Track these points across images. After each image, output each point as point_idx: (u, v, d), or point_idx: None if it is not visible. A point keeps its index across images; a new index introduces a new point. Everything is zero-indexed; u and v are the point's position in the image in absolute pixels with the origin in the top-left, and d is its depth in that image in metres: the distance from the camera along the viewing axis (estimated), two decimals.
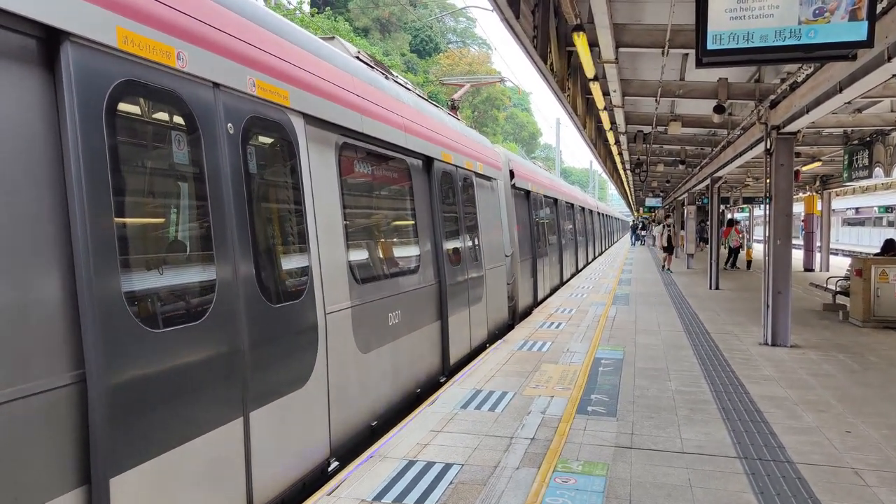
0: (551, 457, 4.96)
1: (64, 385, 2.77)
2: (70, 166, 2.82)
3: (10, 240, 2.60)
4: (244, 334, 3.92)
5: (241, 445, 3.87)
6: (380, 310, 6.08)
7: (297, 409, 4.54)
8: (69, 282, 2.83)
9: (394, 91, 6.95)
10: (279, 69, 4.50)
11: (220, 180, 3.80)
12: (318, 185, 5.07)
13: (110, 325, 2.93)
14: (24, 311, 2.62)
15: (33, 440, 2.63)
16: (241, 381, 3.89)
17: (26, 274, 2.66)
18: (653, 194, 38.31)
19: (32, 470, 2.63)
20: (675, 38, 7.54)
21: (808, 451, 5.10)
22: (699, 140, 16.10)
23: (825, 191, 23.76)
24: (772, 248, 9.40)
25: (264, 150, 4.59)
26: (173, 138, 3.64)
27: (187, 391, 3.43)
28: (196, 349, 3.51)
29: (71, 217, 2.83)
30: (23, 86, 2.70)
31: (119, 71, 3.12)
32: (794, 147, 9.77)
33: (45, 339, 2.70)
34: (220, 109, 3.85)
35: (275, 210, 4.71)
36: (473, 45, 77.29)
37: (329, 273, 5.10)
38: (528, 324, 11.54)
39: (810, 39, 4.36)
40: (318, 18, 42.65)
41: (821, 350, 9.01)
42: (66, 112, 2.82)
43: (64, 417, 2.77)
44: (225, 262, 3.80)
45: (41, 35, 2.78)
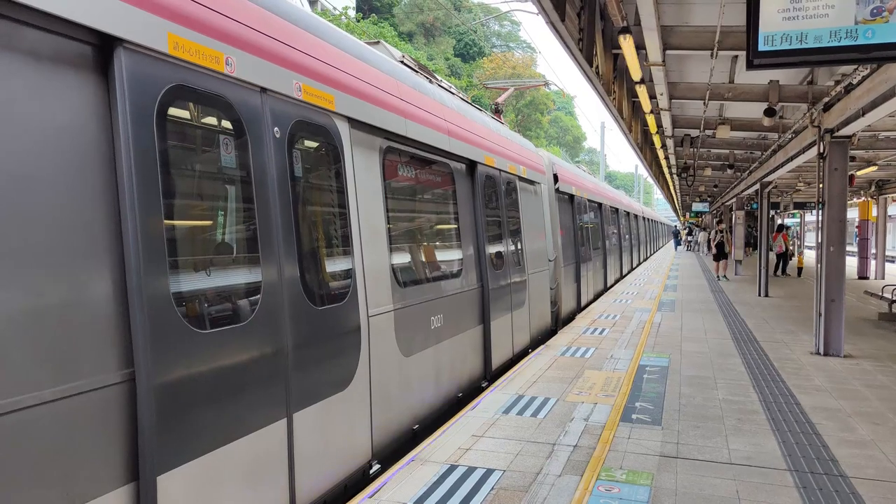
0: (594, 464, 4.89)
1: (114, 384, 2.83)
2: (122, 169, 2.89)
3: (65, 241, 2.66)
4: (288, 336, 3.96)
5: (284, 446, 3.91)
6: (422, 313, 6.07)
7: (340, 411, 4.56)
8: (120, 283, 2.89)
9: (437, 95, 6.96)
10: (324, 74, 4.54)
11: (266, 184, 3.86)
12: (362, 189, 5.10)
13: (159, 325, 2.99)
14: (76, 311, 2.68)
15: (84, 437, 2.69)
16: (285, 382, 3.93)
17: (79, 274, 2.72)
18: (699, 199, 37.64)
19: (83, 466, 2.69)
20: (724, 39, 7.40)
21: (862, 464, 4.93)
22: (748, 144, 15.74)
23: (881, 196, 22.99)
24: (824, 254, 9.13)
25: (310, 154, 4.65)
26: (221, 142, 3.71)
27: (233, 391, 3.48)
28: (241, 350, 3.56)
29: (122, 219, 2.90)
30: (78, 91, 2.77)
31: (170, 76, 3.19)
32: (849, 151, 9.47)
33: (96, 339, 2.76)
34: (266, 114, 3.90)
35: (320, 213, 4.75)
36: (518, 48, 77.10)
37: (372, 276, 5.12)
38: (570, 329, 11.43)
39: (867, 40, 4.21)
40: (363, 24, 43.13)
41: (876, 360, 8.71)
42: (119, 116, 2.89)
43: (113, 415, 2.83)
44: (271, 264, 3.85)
45: (96, 42, 2.85)
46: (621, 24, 6.32)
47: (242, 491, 3.54)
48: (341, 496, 4.58)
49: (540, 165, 11.48)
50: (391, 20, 55.86)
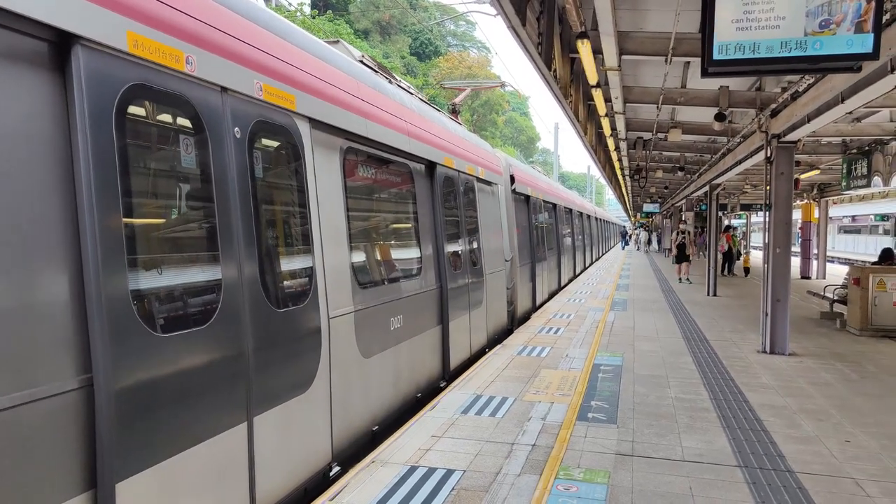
0: (553, 464, 4.96)
1: (71, 389, 2.76)
2: (80, 169, 2.82)
3: (19, 243, 2.59)
4: (249, 338, 3.91)
5: (244, 450, 3.87)
6: (382, 314, 6.06)
7: (300, 413, 4.53)
8: (77, 285, 2.81)
9: (397, 96, 6.95)
10: (286, 73, 4.51)
11: (226, 184, 3.82)
12: (323, 190, 5.07)
13: (117, 328, 2.93)
14: (32, 315, 2.61)
15: (41, 444, 2.63)
16: (246, 385, 3.88)
17: (34, 277, 2.64)
18: (651, 200, 38.42)
19: (40, 474, 2.63)
20: (678, 46, 7.57)
21: (808, 460, 5.11)
22: (699, 147, 16.14)
23: (822, 199, 23.83)
24: (771, 256, 9.42)
25: (270, 155, 4.59)
26: (181, 142, 3.64)
27: (193, 395, 3.43)
28: (201, 353, 3.51)
29: (80, 219, 2.83)
30: (34, 89, 2.71)
31: (129, 75, 3.13)
32: (794, 156, 9.80)
33: (53, 343, 2.70)
34: (227, 113, 3.86)
35: (280, 214, 4.71)
36: (473, 48, 77.36)
37: (332, 277, 5.09)
38: (526, 329, 11.54)
39: (816, 51, 4.38)
40: (318, 20, 42.71)
41: (819, 358, 9.04)
42: (77, 115, 2.83)
43: (71, 422, 2.76)
44: (231, 265, 3.81)
45: (53, 38, 2.78)
46: (579, 28, 6.42)
47: (202, 496, 3.50)
48: (301, 499, 4.54)
49: (497, 166, 11.56)
50: (347, 17, 55.43)
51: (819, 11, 4.36)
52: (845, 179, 14.27)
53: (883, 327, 10.90)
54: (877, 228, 50.92)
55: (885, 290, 10.91)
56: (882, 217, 48.05)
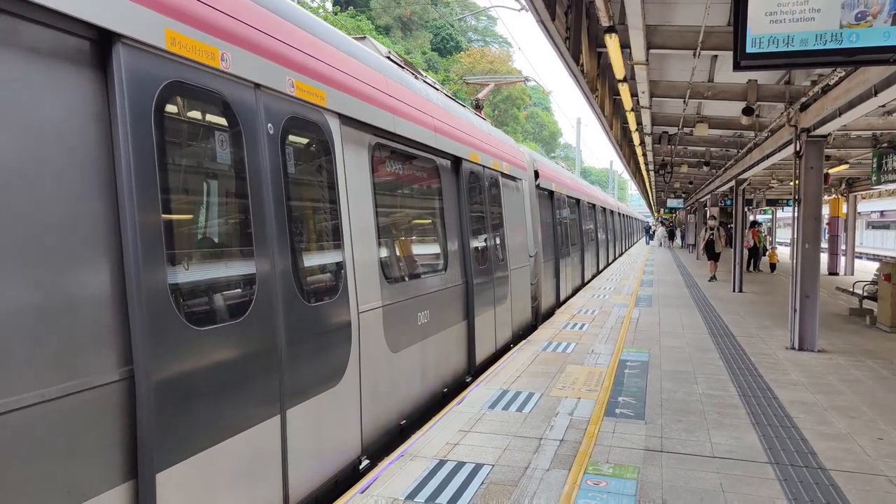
0: (581, 459, 4.96)
1: (113, 381, 2.82)
2: (121, 166, 2.87)
3: (63, 239, 2.64)
4: (282, 332, 3.96)
5: (278, 442, 3.93)
6: (409, 309, 6.09)
7: (331, 406, 4.58)
8: (119, 280, 2.87)
9: (424, 91, 6.97)
10: (316, 70, 4.54)
11: (260, 179, 3.86)
12: (353, 185, 5.10)
13: (157, 322, 2.98)
14: (76, 309, 2.67)
15: (84, 435, 2.69)
16: (279, 378, 3.94)
17: (79, 272, 2.70)
18: (674, 195, 38.07)
19: (83, 464, 2.68)
20: (707, 39, 7.50)
21: (840, 457, 5.06)
22: (725, 142, 15.98)
23: (851, 194, 23.46)
24: (799, 251, 9.31)
25: (302, 151, 4.65)
26: (217, 138, 3.71)
27: (229, 388, 3.49)
28: (237, 347, 3.57)
29: (121, 216, 2.87)
30: (77, 86, 2.76)
31: (167, 72, 3.18)
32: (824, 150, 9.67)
33: (96, 336, 2.75)
34: (260, 110, 3.90)
35: (311, 209, 4.77)
36: (494, 43, 77.20)
37: (362, 272, 5.13)
38: (551, 324, 11.53)
39: (852, 44, 4.31)
40: (340, 16, 42.87)
41: (849, 355, 8.92)
42: (118, 112, 2.87)
43: (113, 413, 2.82)
44: (265, 261, 3.86)
45: (94, 37, 2.83)
46: (608, 22, 6.38)
47: (238, 487, 3.56)
48: (332, 491, 4.60)
49: (521, 162, 11.54)
50: (368, 13, 55.56)
51: (855, 3, 4.29)
52: (875, 174, 14.03)
53: None
54: None
55: None
56: None
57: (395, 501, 4.22)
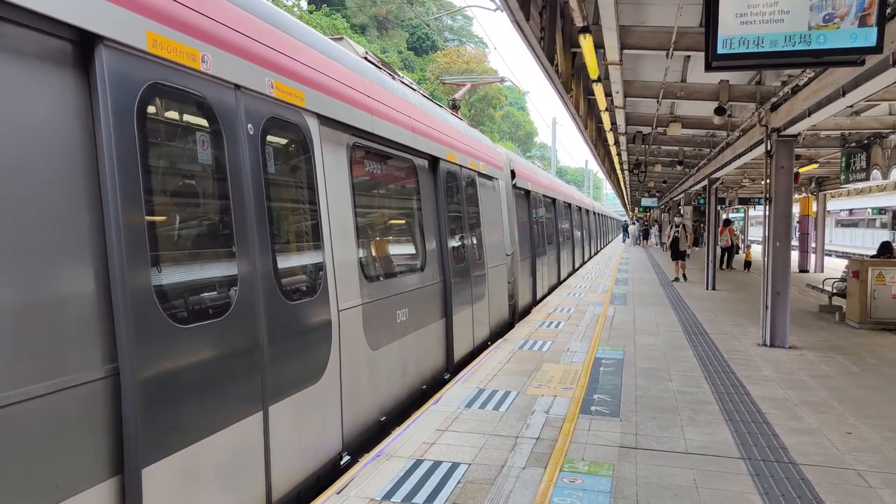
0: (557, 457, 4.99)
1: (99, 378, 2.86)
2: (104, 166, 2.90)
3: (48, 238, 2.66)
4: (264, 330, 4.01)
5: (260, 438, 3.97)
6: (388, 307, 6.13)
7: (313, 403, 4.63)
8: (103, 278, 2.90)
9: (401, 91, 6.99)
10: (295, 71, 4.57)
11: (241, 180, 3.90)
12: (332, 185, 5.13)
13: (142, 320, 3.02)
14: (61, 307, 2.70)
15: (71, 431, 2.72)
16: (261, 375, 3.98)
17: (63, 271, 2.73)
18: (649, 194, 38.46)
19: (70, 460, 2.72)
20: (680, 40, 7.59)
21: (810, 452, 5.15)
22: (697, 141, 16.18)
23: (821, 192, 23.87)
24: (771, 249, 9.45)
25: (282, 151, 4.67)
26: (198, 138, 3.73)
27: (212, 385, 3.54)
28: (220, 344, 3.61)
29: (105, 215, 2.91)
30: (60, 87, 2.78)
31: (149, 74, 3.20)
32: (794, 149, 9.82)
33: (81, 334, 2.79)
34: (241, 110, 3.94)
35: (292, 209, 4.81)
36: (470, 43, 77.31)
37: (341, 271, 5.16)
38: (527, 323, 11.58)
39: (820, 45, 4.39)
40: (316, 15, 42.62)
41: (819, 351, 9.08)
42: (101, 113, 2.90)
43: (99, 410, 2.87)
44: (246, 259, 3.92)
45: (77, 39, 2.85)
46: (582, 23, 6.42)
47: (222, 482, 3.60)
48: (313, 487, 4.61)
49: (498, 161, 11.64)
50: (344, 12, 55.31)
51: (823, 5, 4.37)
52: (844, 173, 14.31)
53: (882, 320, 10.95)
54: (874, 222, 51.02)
55: (884, 283, 10.95)
56: (879, 210, 48.15)
57: (371, 502, 4.20)
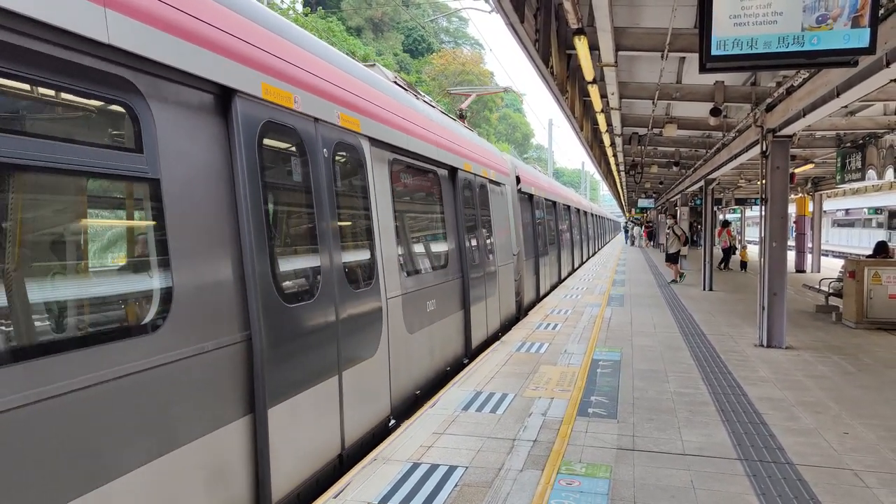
0: (554, 459, 4.99)
1: (239, 341, 3.90)
2: (239, 182, 3.94)
3: (207, 239, 3.68)
4: (338, 311, 5.04)
5: (336, 395, 5.02)
6: (421, 298, 7.15)
7: (371, 372, 5.70)
8: (239, 268, 3.93)
9: (425, 110, 8.00)
10: (354, 103, 5.61)
11: (321, 192, 4.95)
12: (379, 194, 6.17)
13: (265, 301, 4.05)
14: (216, 289, 3.73)
15: (223, 379, 3.76)
16: (337, 346, 5.02)
17: (221, 276, 3.78)
18: (645, 195, 38.50)
19: (221, 400, 3.72)
20: (675, 41, 7.59)
21: (807, 452, 5.15)
22: (694, 142, 16.19)
23: (817, 192, 23.91)
24: (767, 250, 9.47)
25: (346, 167, 5.67)
26: (292, 161, 4.78)
27: (307, 351, 4.57)
28: (311, 320, 4.65)
29: (240, 222, 3.95)
30: (213, 125, 3.85)
31: (264, 113, 4.22)
32: (790, 150, 9.85)
33: (229, 310, 3.84)
34: (319, 138, 4.97)
35: (354, 215, 5.80)
36: (466, 44, 77.32)
37: (388, 266, 6.21)
38: (525, 325, 11.58)
39: (813, 46, 4.40)
40: (311, 18, 42.60)
41: (815, 351, 9.09)
42: (237, 144, 3.93)
43: (240, 363, 3.90)
44: (326, 256, 4.95)
45: (220, 92, 3.89)
46: (576, 25, 6.43)
47: (314, 423, 4.69)
48: (370, 444, 5.63)
49: (505, 168, 12.55)
50: (339, 14, 55.31)
51: (816, 6, 4.38)
52: (840, 173, 14.33)
53: (878, 320, 10.98)
54: (870, 222, 51.16)
55: (881, 283, 10.98)
56: (875, 210, 48.28)
57: None
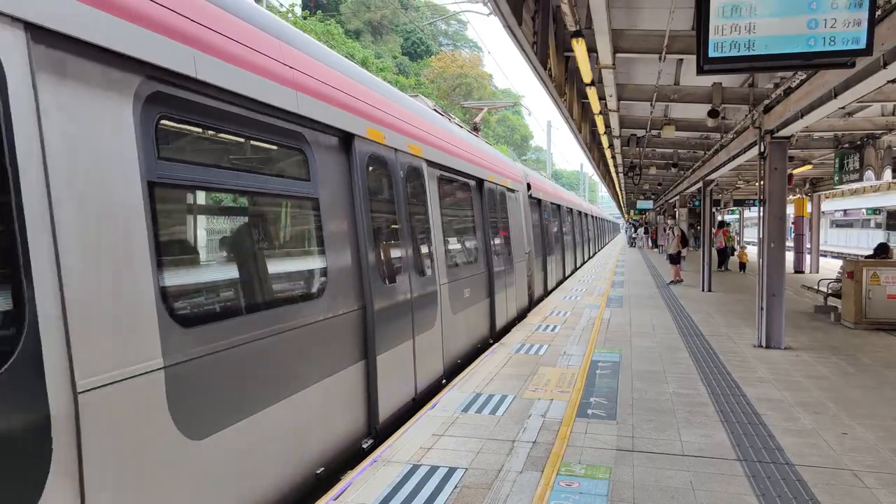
0: (554, 460, 5.00)
1: (359, 309, 5.56)
2: (357, 202, 5.57)
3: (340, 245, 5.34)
4: (411, 292, 6.68)
5: (411, 355, 6.65)
6: (460, 286, 8.66)
7: (431, 340, 7.28)
8: (360, 262, 5.58)
9: (458, 132, 9.75)
10: (417, 134, 7.21)
11: (401, 205, 6.61)
12: (433, 203, 7.73)
13: (374, 282, 5.71)
14: (350, 275, 5.44)
15: (353, 333, 5.45)
16: (411, 317, 6.63)
17: (349, 263, 5.44)
18: (644, 197, 38.52)
19: (349, 348, 5.37)
20: (672, 43, 7.62)
21: (806, 452, 5.16)
22: (692, 143, 16.21)
23: (815, 193, 23.94)
24: (765, 250, 9.48)
25: (413, 185, 7.10)
26: (384, 183, 6.34)
27: (395, 318, 6.21)
28: (397, 296, 6.30)
29: (358, 226, 5.58)
30: (343, 163, 5.49)
31: (368, 149, 5.83)
32: (788, 151, 9.86)
33: (354, 288, 5.50)
34: (397, 164, 6.56)
35: (420, 220, 7.28)
36: (465, 47, 77.37)
37: (440, 259, 7.75)
38: (524, 327, 11.59)
39: (810, 48, 4.42)
40: (310, 21, 42.62)
41: (814, 352, 9.11)
42: (356, 173, 5.58)
43: (360, 325, 5.57)
44: (405, 251, 6.67)
45: (345, 136, 5.49)
46: (574, 27, 6.45)
47: (403, 370, 6.44)
48: (434, 392, 7.23)
49: (518, 177, 14.22)
50: (338, 18, 55.36)
51: (813, 8, 4.40)
52: (838, 174, 14.35)
53: (877, 320, 10.99)
54: (868, 222, 51.16)
55: (879, 283, 10.99)
56: (873, 211, 48.29)
57: None
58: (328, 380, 4.93)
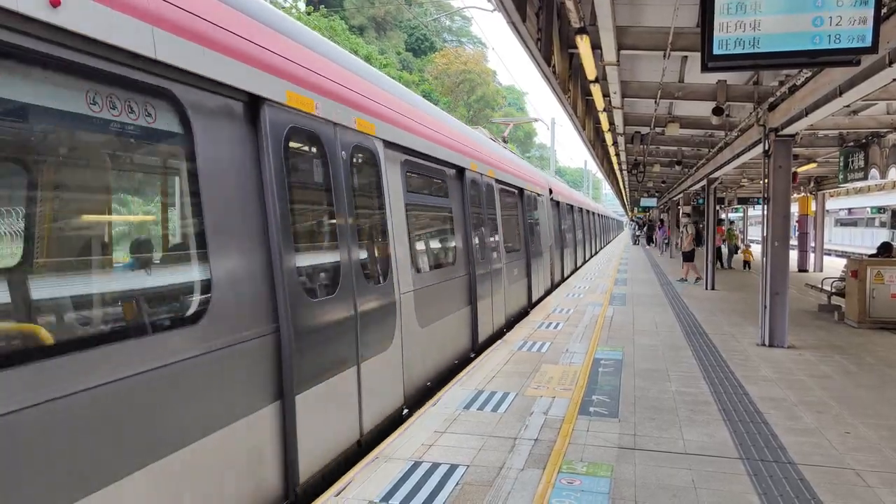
0: (556, 458, 4.99)
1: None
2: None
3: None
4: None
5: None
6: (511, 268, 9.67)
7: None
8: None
9: (509, 155, 12.26)
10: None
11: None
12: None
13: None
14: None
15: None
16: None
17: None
18: (648, 194, 38.43)
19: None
20: (677, 40, 7.58)
21: (808, 451, 5.15)
22: (696, 141, 16.16)
23: (819, 192, 23.86)
24: (769, 249, 9.45)
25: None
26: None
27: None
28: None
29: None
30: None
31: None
32: (792, 149, 9.82)
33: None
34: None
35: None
36: (469, 43, 77.28)
37: (503, 248, 8.31)
38: (526, 324, 11.58)
39: (815, 45, 4.40)
40: (313, 16, 42.57)
41: (817, 351, 9.08)
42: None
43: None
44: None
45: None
46: (578, 24, 6.42)
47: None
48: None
49: (544, 184, 16.98)
50: (342, 13, 55.29)
51: (818, 5, 4.37)
52: (842, 172, 14.30)
53: (881, 319, 10.96)
54: (873, 221, 51.00)
55: (883, 282, 10.96)
56: (878, 209, 48.14)
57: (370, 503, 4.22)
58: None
